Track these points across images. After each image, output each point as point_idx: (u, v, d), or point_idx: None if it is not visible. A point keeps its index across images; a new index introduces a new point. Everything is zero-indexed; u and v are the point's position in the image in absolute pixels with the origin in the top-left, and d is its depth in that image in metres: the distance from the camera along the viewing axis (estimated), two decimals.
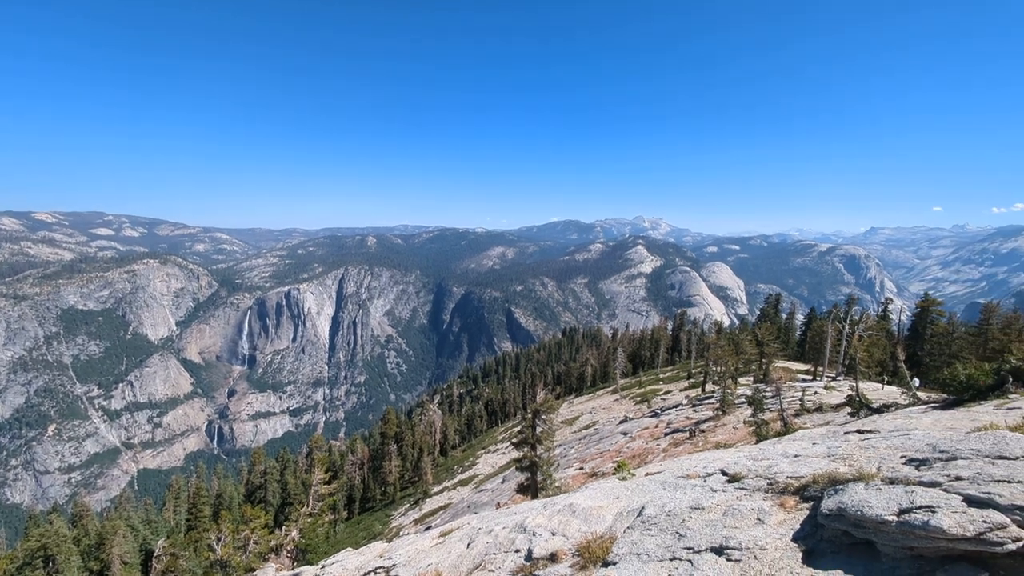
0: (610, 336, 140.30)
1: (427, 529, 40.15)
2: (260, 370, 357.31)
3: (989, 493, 5.55)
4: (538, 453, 31.06)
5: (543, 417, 31.99)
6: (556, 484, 29.95)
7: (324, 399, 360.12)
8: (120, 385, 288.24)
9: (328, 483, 42.65)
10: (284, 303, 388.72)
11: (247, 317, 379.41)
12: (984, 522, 5.30)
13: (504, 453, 67.17)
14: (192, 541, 47.64)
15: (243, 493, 70.46)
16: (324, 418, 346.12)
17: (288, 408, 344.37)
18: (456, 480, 65.01)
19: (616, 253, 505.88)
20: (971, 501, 5.62)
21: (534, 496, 29.40)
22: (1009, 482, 5.66)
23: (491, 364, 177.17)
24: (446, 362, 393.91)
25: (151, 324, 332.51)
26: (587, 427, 61.21)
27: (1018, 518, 5.26)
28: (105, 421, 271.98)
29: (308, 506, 37.99)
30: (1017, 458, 6.31)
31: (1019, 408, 14.41)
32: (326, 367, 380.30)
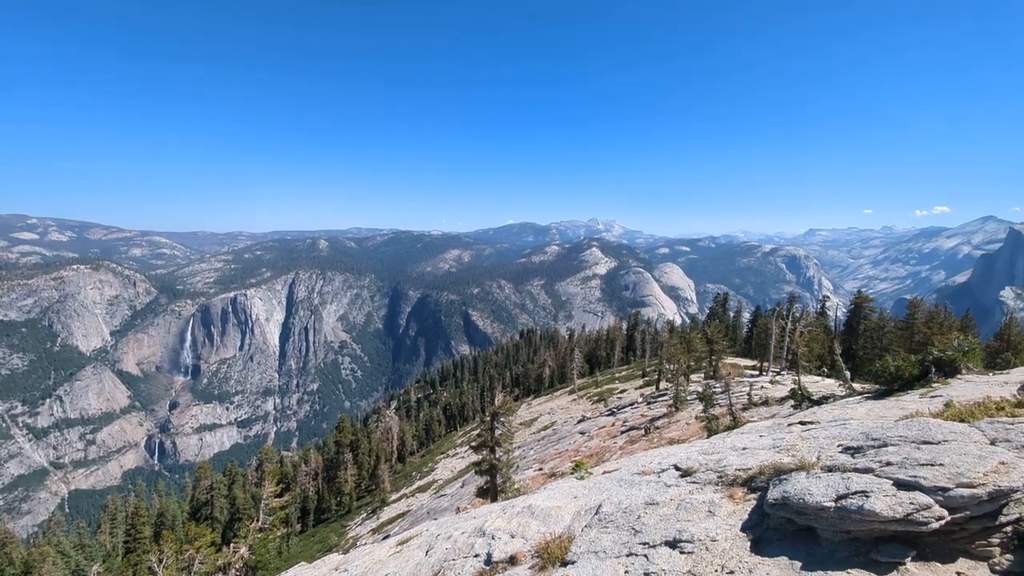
0: (567, 337, 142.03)
1: (385, 538, 39.30)
2: (205, 380, 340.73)
3: (915, 476, 5.97)
4: (497, 456, 31.04)
5: (502, 420, 32.01)
6: (516, 486, 30.02)
7: (275, 409, 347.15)
8: (47, 401, 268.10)
9: (280, 496, 41.09)
10: (230, 309, 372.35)
11: (190, 325, 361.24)
12: (911, 504, 5.69)
13: (463, 457, 66.74)
14: (131, 565, 44.83)
15: (188, 511, 66.97)
16: (275, 428, 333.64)
17: (236, 419, 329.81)
18: (415, 487, 64.06)
19: (571, 255, 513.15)
20: (900, 485, 6.02)
21: (494, 499, 29.35)
22: (932, 465, 6.09)
23: (449, 368, 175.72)
24: (403, 367, 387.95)
25: (82, 334, 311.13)
26: (546, 428, 61.68)
27: (940, 498, 5.68)
28: (30, 440, 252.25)
29: (258, 521, 36.46)
30: (939, 442, 6.80)
31: (941, 396, 15.56)
32: (276, 375, 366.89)
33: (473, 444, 33.41)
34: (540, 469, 40.94)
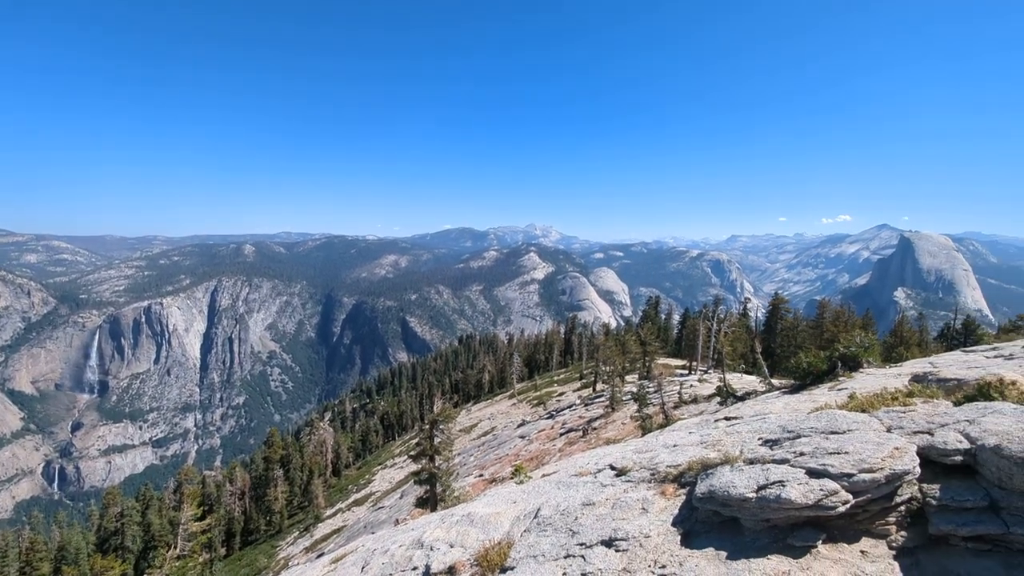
0: (506, 342, 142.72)
1: (319, 556, 37.66)
2: (114, 398, 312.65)
3: (824, 465, 6.47)
4: (437, 464, 30.60)
5: (441, 427, 31.62)
6: (456, 494, 29.68)
7: (196, 425, 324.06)
8: None
9: (201, 519, 38.39)
10: (144, 320, 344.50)
11: (96, 338, 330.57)
12: (821, 490, 6.16)
13: (402, 467, 65.27)
14: None
15: (94, 542, 60.91)
16: (196, 447, 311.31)
17: (151, 438, 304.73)
18: (351, 500, 61.88)
19: (510, 260, 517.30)
20: (811, 473, 6.50)
21: (434, 509, 28.89)
22: (838, 453, 6.63)
23: (386, 376, 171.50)
24: (337, 377, 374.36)
25: None
26: (486, 433, 61.54)
27: (846, 484, 6.19)
28: None
29: (176, 548, 33.86)
30: (844, 432, 7.41)
31: (846, 389, 16.99)
32: (197, 389, 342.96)
33: (412, 453, 32.74)
34: (481, 475, 40.76)
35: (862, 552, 6.17)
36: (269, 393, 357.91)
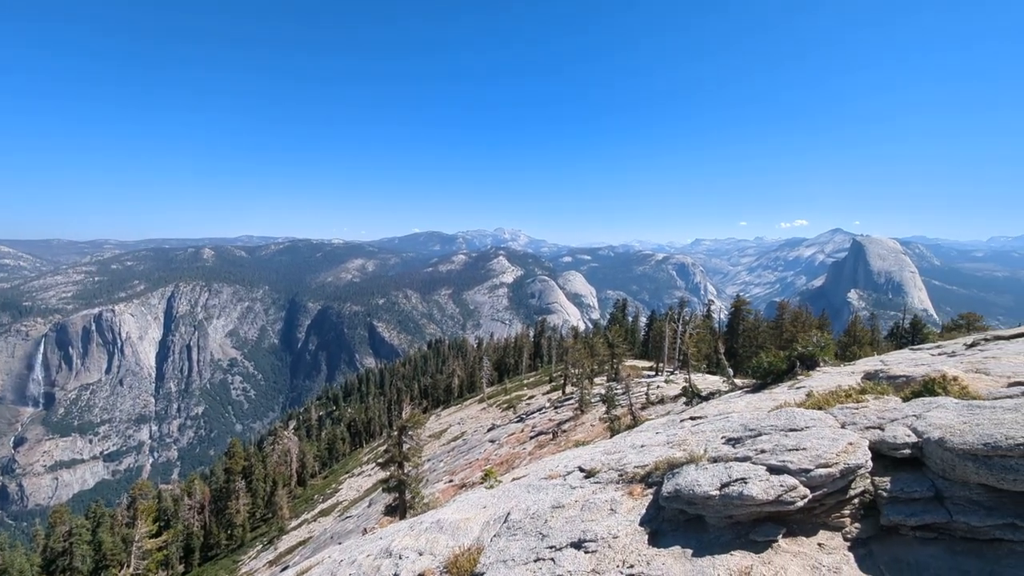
0: (476, 346, 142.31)
1: (283, 569, 36.63)
2: (61, 410, 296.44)
3: (784, 461, 6.70)
4: (406, 471, 30.23)
5: (410, 433, 31.26)
6: (425, 501, 29.37)
7: (151, 437, 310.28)
8: None
9: (157, 535, 36.77)
10: (94, 328, 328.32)
11: (41, 347, 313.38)
12: (781, 486, 6.37)
13: (370, 475, 64.15)
14: None
15: (39, 564, 57.48)
16: (151, 460, 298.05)
17: (102, 452, 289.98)
18: (317, 511, 60.41)
19: (479, 264, 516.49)
20: (772, 469, 6.72)
21: (403, 516, 28.49)
22: (797, 450, 6.88)
23: (353, 382, 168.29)
24: (302, 384, 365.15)
25: None
26: (456, 438, 61.15)
27: (804, 479, 6.42)
28: None
29: (130, 567, 32.33)
30: (802, 429, 7.69)
31: (804, 387, 17.62)
32: (153, 400, 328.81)
33: (380, 460, 32.25)
34: (451, 481, 40.45)
35: (819, 544, 6.41)
36: (230, 402, 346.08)
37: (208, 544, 64.01)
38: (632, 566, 6.68)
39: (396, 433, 30.99)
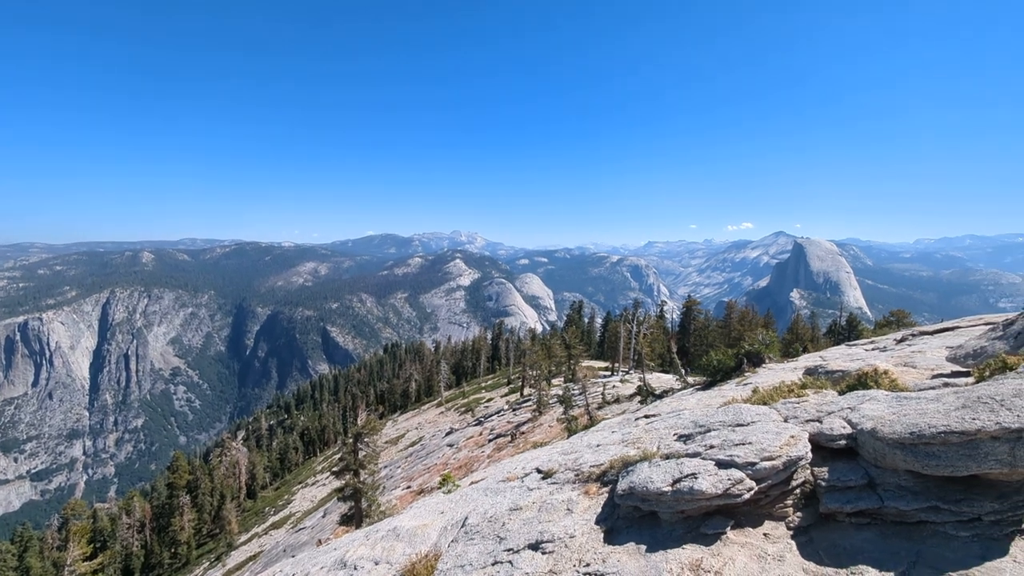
0: (433, 349, 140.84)
1: None
2: None
3: (731, 456, 6.96)
4: (362, 479, 29.54)
5: (366, 440, 30.59)
6: (382, 509, 28.79)
7: (85, 454, 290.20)
8: None
9: (92, 557, 34.44)
10: (18, 338, 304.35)
11: None
12: (729, 479, 6.62)
13: (325, 484, 62.34)
14: None
15: None
16: (85, 477, 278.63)
17: (29, 471, 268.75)
18: (268, 523, 58.18)
19: (436, 267, 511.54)
20: (720, 464, 6.97)
21: (359, 525, 27.82)
22: (743, 444, 7.16)
23: (306, 389, 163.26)
24: (251, 392, 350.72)
25: None
26: (414, 444, 60.31)
27: (750, 472, 6.69)
28: None
29: None
30: (748, 424, 8.02)
31: (751, 383, 18.38)
32: (87, 413, 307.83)
33: (335, 469, 31.38)
34: (409, 487, 39.84)
35: (765, 535, 6.69)
36: (173, 413, 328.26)
37: (150, 564, 60.43)
38: (588, 564, 6.77)
39: (351, 440, 30.26)
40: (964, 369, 10.89)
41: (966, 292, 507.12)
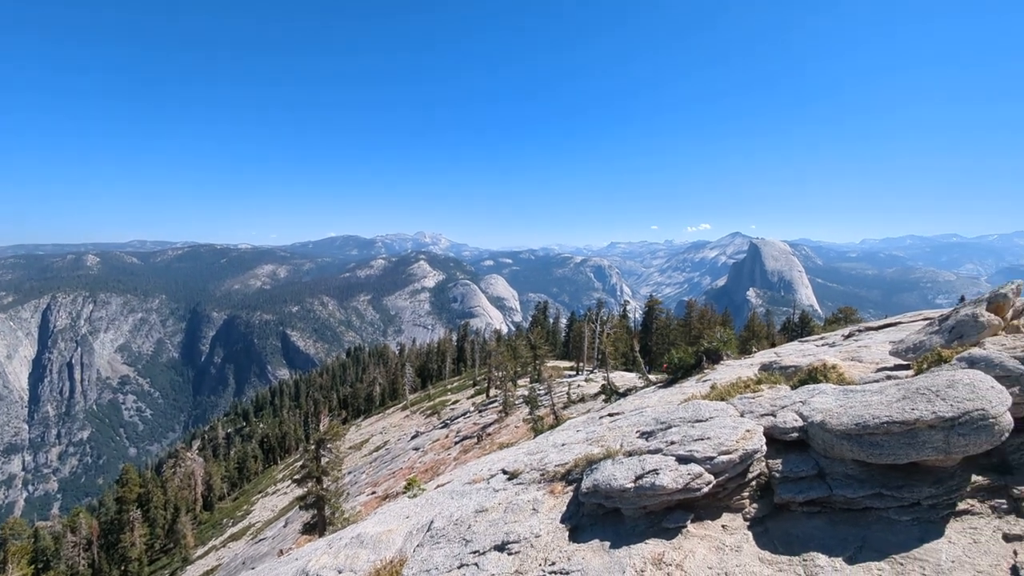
0: (397, 352, 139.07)
1: None
2: None
3: (691, 451, 7.15)
4: (324, 486, 28.88)
5: (328, 446, 29.90)
6: (346, 516, 28.21)
7: (24, 469, 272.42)
8: None
9: None
10: None
11: None
12: (689, 474, 6.81)
13: (286, 493, 60.61)
14: None
15: None
16: (25, 494, 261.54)
17: None
18: (226, 535, 56.16)
19: (399, 268, 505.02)
20: (680, 459, 7.15)
21: (322, 534, 27.17)
22: (703, 439, 7.37)
23: (265, 395, 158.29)
24: (207, 400, 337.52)
25: None
26: (378, 448, 59.38)
27: (709, 466, 6.90)
28: None
29: None
30: (707, 419, 8.26)
31: (710, 380, 18.92)
32: (26, 426, 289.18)
33: (297, 477, 30.57)
34: (374, 493, 39.17)
35: (723, 527, 6.91)
36: (122, 424, 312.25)
37: None
38: (554, 563, 6.83)
39: (313, 447, 29.53)
40: (905, 362, 11.52)
41: (907, 289, 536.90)
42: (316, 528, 28.79)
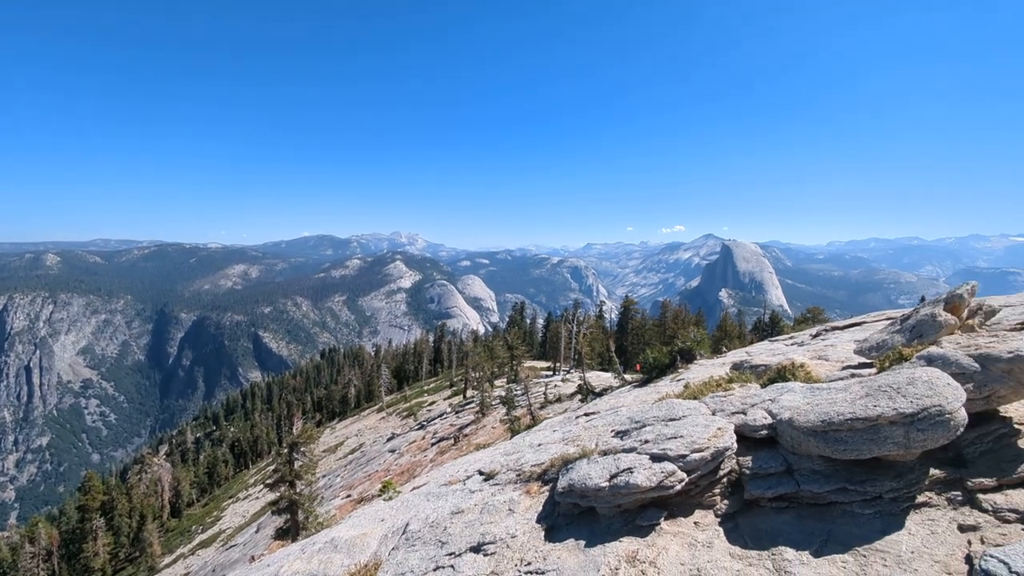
0: (373, 353, 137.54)
1: None
2: None
3: (664, 449, 7.27)
4: (298, 490, 28.35)
5: (302, 449, 29.37)
6: (320, 520, 27.75)
7: None
8: None
9: None
10: None
11: None
12: (662, 472, 6.91)
13: (258, 498, 59.33)
14: None
15: None
16: None
17: None
18: (196, 542, 54.66)
19: (375, 269, 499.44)
20: (654, 458, 7.26)
21: (295, 539, 26.67)
22: (676, 438, 7.50)
23: (236, 399, 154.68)
24: (175, 403, 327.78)
25: None
26: (353, 451, 58.61)
27: (681, 464, 7.02)
28: None
29: None
30: (680, 418, 8.40)
31: (683, 379, 19.24)
32: None
33: (269, 481, 29.92)
34: (348, 496, 38.63)
35: (695, 523, 7.04)
36: (84, 429, 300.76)
37: None
38: (530, 563, 6.86)
39: (286, 450, 28.96)
40: (869, 360, 11.92)
41: (871, 290, 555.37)
42: (289, 533, 28.24)
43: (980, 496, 6.05)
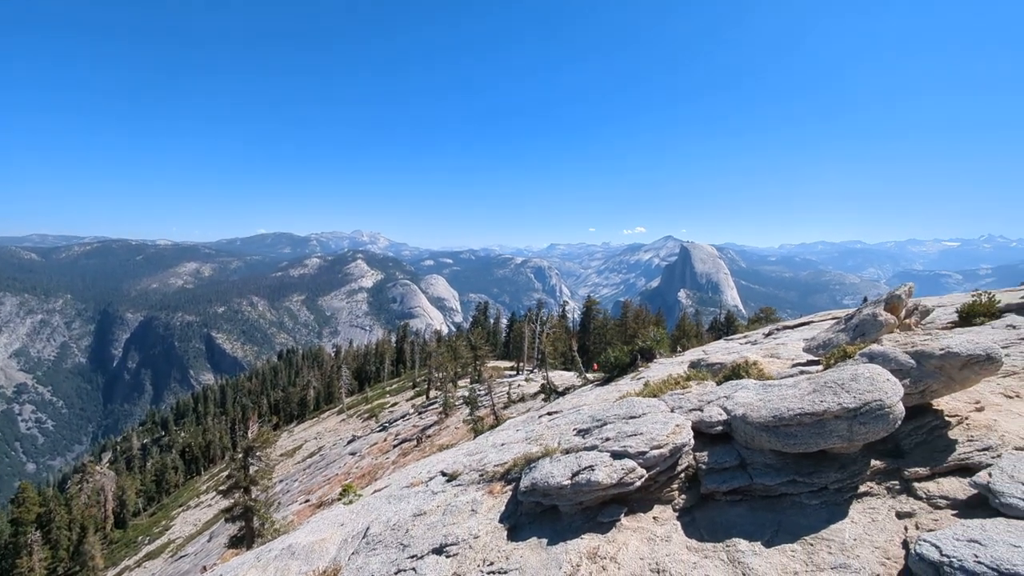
0: (333, 354, 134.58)
1: None
2: None
3: (625, 447, 7.41)
4: (253, 496, 27.41)
5: (258, 453, 28.40)
6: (276, 527, 26.93)
7: None
8: None
9: None
10: None
11: None
12: (623, 469, 7.05)
13: (211, 505, 57.10)
14: None
15: None
16: None
17: None
18: (142, 554, 52.14)
19: (335, 268, 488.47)
20: (615, 455, 7.40)
21: (250, 547, 25.79)
22: (636, 435, 7.66)
23: (188, 402, 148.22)
24: (120, 408, 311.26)
25: None
26: (312, 454, 57.17)
27: (641, 461, 7.18)
28: None
29: None
30: (640, 416, 8.58)
31: (644, 378, 19.65)
32: None
33: (222, 488, 28.82)
34: (307, 501, 37.65)
35: (654, 518, 7.21)
36: (18, 437, 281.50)
37: None
38: (492, 563, 6.87)
39: (241, 455, 27.95)
40: (816, 358, 12.51)
41: (819, 291, 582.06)
42: (244, 541, 27.27)
43: (916, 485, 6.44)
